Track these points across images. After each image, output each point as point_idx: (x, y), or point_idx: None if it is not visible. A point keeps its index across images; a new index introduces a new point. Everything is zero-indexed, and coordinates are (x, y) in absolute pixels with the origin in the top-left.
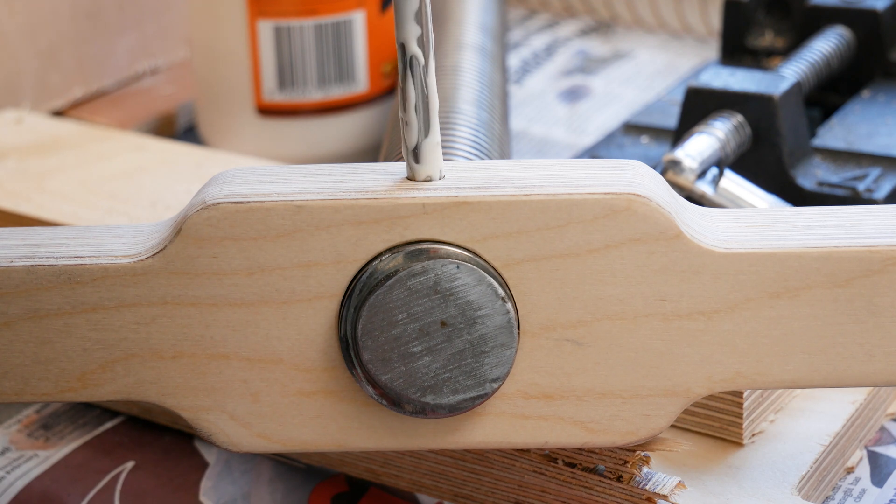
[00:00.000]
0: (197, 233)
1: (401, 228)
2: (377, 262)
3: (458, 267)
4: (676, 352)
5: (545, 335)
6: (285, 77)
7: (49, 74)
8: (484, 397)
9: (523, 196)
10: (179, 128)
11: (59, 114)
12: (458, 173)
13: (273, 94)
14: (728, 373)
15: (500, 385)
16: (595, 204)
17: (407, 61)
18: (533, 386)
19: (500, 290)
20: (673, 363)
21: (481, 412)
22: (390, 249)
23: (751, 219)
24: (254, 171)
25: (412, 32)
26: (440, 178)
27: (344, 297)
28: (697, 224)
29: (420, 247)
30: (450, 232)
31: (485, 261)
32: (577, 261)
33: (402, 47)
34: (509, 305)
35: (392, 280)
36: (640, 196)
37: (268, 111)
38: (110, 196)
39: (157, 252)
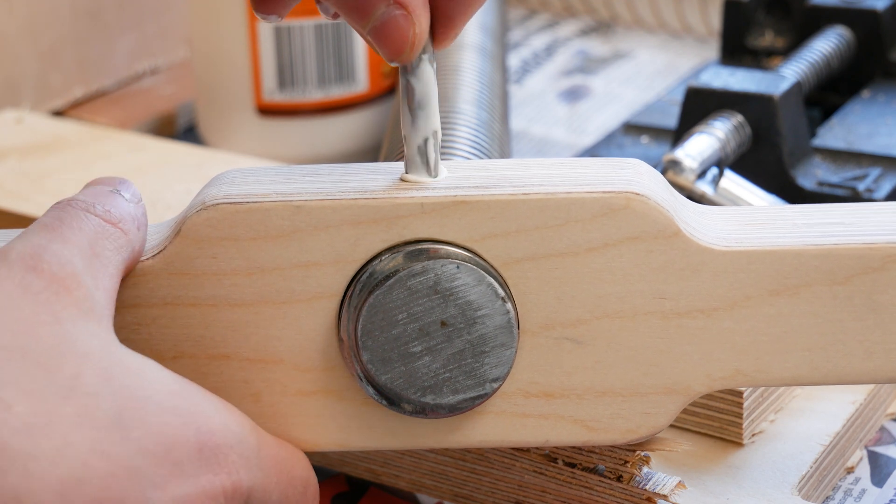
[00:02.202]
0: (196, 233)
1: (399, 228)
2: (377, 261)
3: (458, 267)
4: (676, 350)
5: (545, 334)
6: (285, 77)
7: (49, 74)
8: (484, 397)
9: (522, 195)
10: (179, 128)
11: (59, 114)
12: (456, 173)
13: (273, 94)
14: (728, 370)
15: (500, 385)
16: (594, 202)
17: (438, 146)
18: (533, 385)
19: (500, 290)
20: (673, 361)
21: (481, 411)
22: (390, 249)
23: (750, 217)
24: (253, 172)
25: (436, 122)
26: (439, 178)
27: (343, 297)
28: (696, 222)
29: (419, 247)
30: (449, 231)
31: (484, 260)
32: (577, 259)
33: (435, 134)
34: (509, 305)
35: (392, 280)
36: (638, 194)
37: (268, 111)
38: None
39: (157, 253)
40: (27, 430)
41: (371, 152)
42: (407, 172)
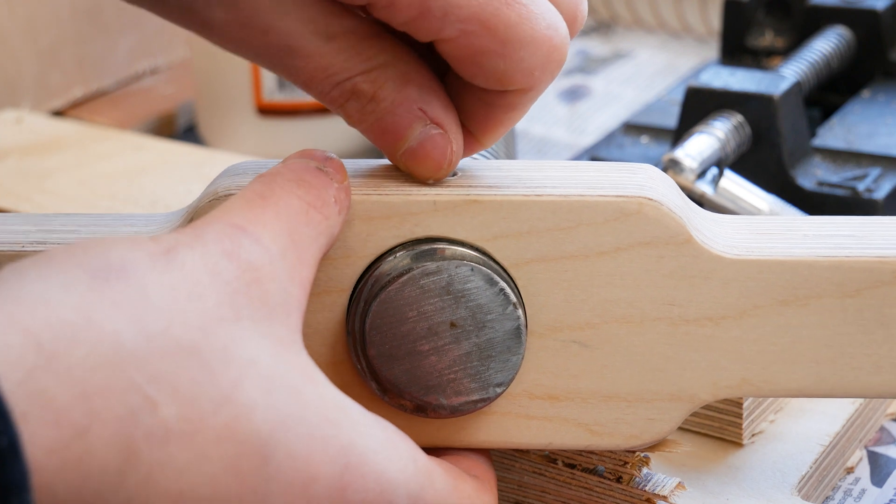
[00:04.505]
0: None
1: (411, 225)
2: (390, 257)
3: (472, 269)
4: (683, 357)
5: (552, 336)
6: None
7: (49, 74)
8: (487, 401)
9: (535, 196)
10: (179, 128)
11: (59, 114)
12: (468, 172)
13: (273, 94)
14: (734, 379)
15: (504, 390)
16: (606, 206)
17: None
18: (538, 386)
19: (513, 296)
20: (679, 368)
21: (485, 411)
22: (402, 246)
23: (761, 226)
24: (266, 164)
25: None
26: (452, 177)
27: (353, 291)
28: (708, 229)
29: (433, 245)
30: (460, 230)
31: (494, 260)
32: (587, 262)
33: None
34: (520, 312)
35: (405, 277)
36: (651, 200)
37: (268, 111)
38: (110, 196)
39: None
40: (164, 438)
41: (370, 152)
42: None
